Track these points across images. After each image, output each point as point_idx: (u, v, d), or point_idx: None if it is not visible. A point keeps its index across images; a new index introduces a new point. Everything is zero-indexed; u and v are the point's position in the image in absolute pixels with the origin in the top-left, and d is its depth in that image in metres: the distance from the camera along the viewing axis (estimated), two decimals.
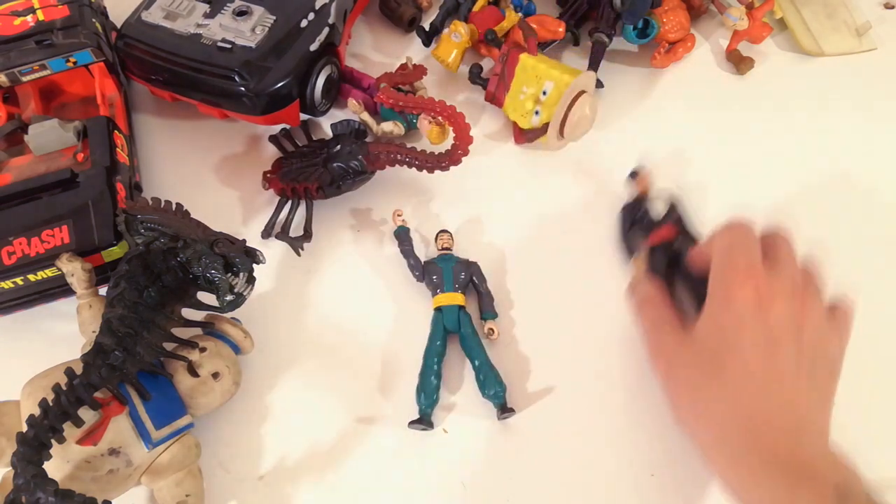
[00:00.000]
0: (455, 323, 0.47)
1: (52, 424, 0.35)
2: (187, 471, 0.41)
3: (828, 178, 0.56)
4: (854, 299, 0.42)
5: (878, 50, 0.64)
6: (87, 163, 0.48)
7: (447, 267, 0.49)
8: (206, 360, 0.42)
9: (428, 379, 0.45)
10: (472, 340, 0.46)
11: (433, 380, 0.45)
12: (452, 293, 0.48)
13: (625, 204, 0.49)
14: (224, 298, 0.42)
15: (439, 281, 0.48)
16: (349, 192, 0.53)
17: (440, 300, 0.48)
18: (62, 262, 0.43)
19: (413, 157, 0.50)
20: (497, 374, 0.45)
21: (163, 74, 0.53)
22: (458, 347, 0.47)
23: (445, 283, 0.48)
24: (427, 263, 0.50)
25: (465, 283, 0.49)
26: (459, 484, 0.43)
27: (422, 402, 0.44)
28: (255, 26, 0.52)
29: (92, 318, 0.43)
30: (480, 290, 0.49)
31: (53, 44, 0.51)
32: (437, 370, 0.46)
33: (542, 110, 0.53)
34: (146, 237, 0.42)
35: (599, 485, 0.44)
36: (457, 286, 0.48)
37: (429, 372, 0.45)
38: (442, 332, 0.47)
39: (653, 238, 0.46)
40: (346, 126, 0.55)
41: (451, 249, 0.51)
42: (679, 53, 0.61)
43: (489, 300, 0.49)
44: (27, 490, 0.33)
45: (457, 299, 0.48)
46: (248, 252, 0.42)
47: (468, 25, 0.60)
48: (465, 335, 0.47)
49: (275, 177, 0.53)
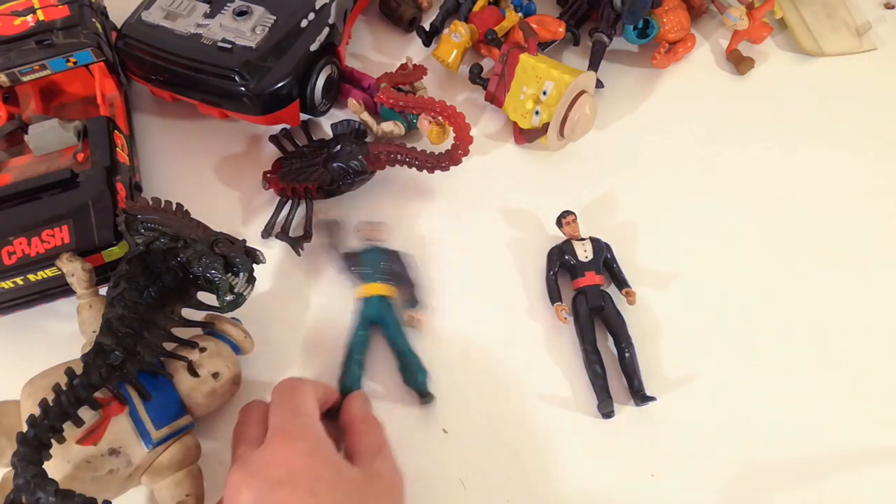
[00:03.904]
0: (377, 312, 0.47)
1: (53, 424, 0.35)
2: (187, 471, 0.41)
3: (828, 178, 0.56)
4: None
5: (878, 50, 0.64)
6: (87, 163, 0.48)
7: (371, 258, 0.49)
8: (206, 360, 0.42)
9: (350, 369, 0.46)
10: (395, 329, 0.47)
11: (355, 369, 0.46)
12: (374, 283, 0.48)
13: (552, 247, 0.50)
14: (224, 298, 0.42)
15: (363, 272, 0.49)
16: (349, 192, 0.53)
17: (364, 290, 0.48)
18: (62, 262, 0.43)
19: (413, 157, 0.50)
20: (419, 361, 0.46)
21: (163, 74, 0.53)
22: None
23: (368, 273, 0.49)
24: (351, 255, 0.50)
25: (392, 273, 0.49)
26: (459, 484, 0.43)
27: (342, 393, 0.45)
28: (256, 26, 0.52)
29: (92, 318, 0.43)
30: (406, 278, 0.50)
31: (53, 44, 0.51)
32: (360, 360, 0.46)
33: (542, 110, 0.53)
34: (146, 237, 0.42)
35: (600, 485, 0.44)
36: (380, 277, 0.49)
37: (351, 362, 0.46)
38: (365, 322, 0.47)
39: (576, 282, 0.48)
40: (346, 126, 0.55)
41: (378, 240, 0.51)
42: (679, 53, 0.61)
43: (414, 289, 0.49)
44: (27, 490, 0.33)
45: (380, 289, 0.48)
46: (248, 252, 0.42)
47: (468, 25, 0.60)
48: (387, 324, 0.47)
49: (275, 177, 0.53)
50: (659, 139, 0.58)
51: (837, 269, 0.52)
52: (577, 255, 0.49)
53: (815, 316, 0.50)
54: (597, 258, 0.49)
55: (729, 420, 0.46)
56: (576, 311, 0.48)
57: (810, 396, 0.47)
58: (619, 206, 0.55)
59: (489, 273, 0.51)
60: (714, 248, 0.53)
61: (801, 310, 0.50)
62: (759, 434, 0.45)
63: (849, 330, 0.49)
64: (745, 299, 0.50)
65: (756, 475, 0.44)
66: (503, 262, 0.52)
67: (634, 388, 0.45)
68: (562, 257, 0.50)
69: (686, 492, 0.43)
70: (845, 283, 0.51)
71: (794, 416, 0.46)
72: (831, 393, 0.47)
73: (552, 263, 0.50)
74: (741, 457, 0.44)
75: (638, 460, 0.44)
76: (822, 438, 0.45)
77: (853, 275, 0.52)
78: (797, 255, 0.52)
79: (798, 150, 0.58)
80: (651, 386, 0.45)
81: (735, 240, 0.53)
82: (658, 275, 0.51)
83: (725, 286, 0.51)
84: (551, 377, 0.47)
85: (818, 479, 0.44)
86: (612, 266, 0.50)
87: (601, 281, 0.49)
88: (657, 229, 0.53)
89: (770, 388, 0.47)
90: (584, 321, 0.48)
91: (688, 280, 0.51)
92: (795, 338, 0.49)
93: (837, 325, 0.50)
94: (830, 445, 0.45)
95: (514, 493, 0.43)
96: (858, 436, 0.45)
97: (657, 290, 0.50)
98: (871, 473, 0.44)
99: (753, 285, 0.51)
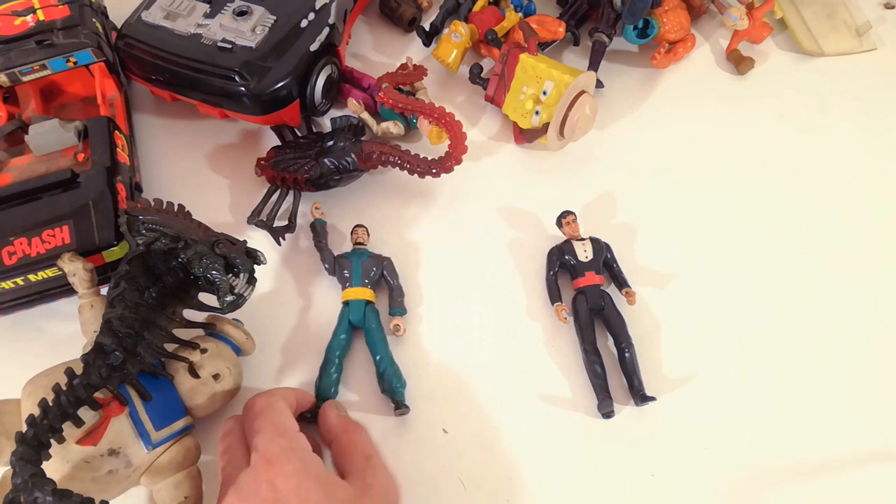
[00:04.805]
0: (361, 317, 0.47)
1: (52, 424, 0.35)
2: (187, 472, 0.41)
3: (828, 178, 0.56)
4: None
5: (878, 50, 0.64)
6: (87, 163, 0.48)
7: (358, 262, 0.49)
8: (206, 361, 0.42)
9: (327, 372, 0.45)
10: (377, 336, 0.47)
11: (332, 373, 0.46)
12: (361, 288, 0.48)
13: (552, 247, 0.50)
14: (225, 299, 0.42)
15: (349, 275, 0.48)
16: (337, 187, 0.53)
17: (348, 294, 0.48)
18: (64, 262, 0.43)
19: (405, 159, 0.50)
20: (397, 370, 0.46)
21: (163, 74, 0.53)
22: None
23: (355, 277, 0.48)
24: (339, 257, 0.50)
25: (376, 278, 0.49)
26: (459, 484, 0.44)
27: (318, 396, 0.45)
28: (256, 26, 0.52)
29: (93, 318, 0.43)
30: (392, 285, 0.49)
31: (54, 44, 0.51)
32: (339, 364, 0.46)
33: (542, 110, 0.53)
34: (147, 238, 0.42)
35: (600, 485, 0.44)
36: (366, 281, 0.48)
37: (329, 365, 0.46)
38: (347, 326, 0.47)
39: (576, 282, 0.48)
40: (345, 121, 0.55)
41: (366, 244, 0.50)
42: (679, 53, 0.61)
43: (399, 296, 0.49)
44: (25, 489, 0.33)
45: (365, 294, 0.48)
46: (248, 253, 0.42)
47: (468, 25, 0.60)
48: (369, 330, 0.47)
49: (267, 164, 0.53)
50: (659, 139, 0.58)
51: (837, 269, 0.52)
52: (577, 255, 0.49)
53: (815, 316, 0.50)
54: (597, 258, 0.49)
55: (729, 420, 0.46)
56: (576, 311, 0.48)
57: (810, 396, 0.47)
58: (619, 206, 0.55)
59: (489, 273, 0.51)
60: (714, 248, 0.53)
61: (800, 310, 0.50)
62: (758, 434, 0.45)
63: (849, 330, 0.49)
64: (744, 299, 0.50)
65: (756, 475, 0.44)
66: (503, 262, 0.52)
67: (634, 388, 0.45)
68: (562, 257, 0.50)
69: (686, 492, 0.43)
70: (845, 283, 0.51)
71: (794, 415, 0.46)
72: (831, 393, 0.47)
73: (552, 263, 0.50)
74: (741, 457, 0.44)
75: (638, 460, 0.44)
76: (821, 438, 0.45)
77: (853, 275, 0.52)
78: (797, 255, 0.52)
79: (798, 150, 0.58)
80: (651, 386, 0.45)
81: (735, 240, 0.53)
82: (658, 275, 0.51)
83: (725, 286, 0.51)
84: (551, 377, 0.47)
85: (818, 479, 0.44)
86: (612, 266, 0.50)
87: (601, 281, 0.49)
88: (657, 229, 0.53)
89: (770, 388, 0.47)
90: (584, 321, 0.48)
91: (688, 280, 0.51)
92: (795, 338, 0.49)
93: (837, 324, 0.50)
94: (830, 445, 0.45)
95: (514, 493, 0.43)
96: (858, 436, 0.45)
97: (657, 290, 0.50)
98: (871, 473, 0.44)
99: (753, 285, 0.51)
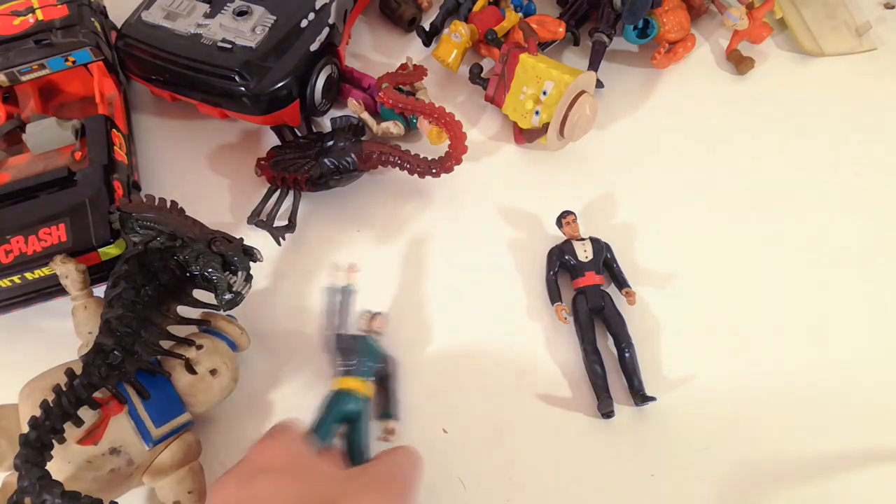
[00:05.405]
0: (356, 411, 0.43)
1: (54, 425, 0.35)
2: (188, 468, 0.41)
3: (828, 178, 0.56)
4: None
5: (878, 50, 0.64)
6: (84, 161, 0.48)
7: (366, 352, 0.45)
8: (203, 357, 0.42)
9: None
10: (363, 431, 0.43)
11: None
12: (362, 380, 0.44)
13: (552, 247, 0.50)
14: (223, 297, 0.42)
15: (355, 363, 0.44)
16: (337, 187, 0.53)
17: (348, 383, 0.43)
18: (56, 264, 0.43)
19: (405, 159, 0.50)
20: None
21: (163, 74, 0.53)
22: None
23: (361, 368, 0.44)
24: (349, 338, 0.45)
25: (381, 376, 0.45)
26: (459, 484, 0.43)
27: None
28: (256, 26, 0.52)
29: (87, 320, 0.43)
30: (389, 388, 0.46)
31: (52, 43, 0.51)
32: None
33: (542, 110, 0.53)
34: (143, 235, 0.42)
35: (600, 485, 0.43)
36: (370, 375, 0.44)
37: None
38: (337, 416, 0.42)
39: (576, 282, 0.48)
40: (345, 121, 0.55)
41: (378, 333, 0.46)
42: (679, 53, 0.61)
43: (394, 401, 0.45)
44: (33, 492, 0.33)
45: (364, 388, 0.43)
46: (245, 251, 0.42)
47: (468, 25, 0.60)
48: (358, 424, 0.43)
49: (267, 164, 0.53)
50: (659, 139, 0.58)
51: (837, 269, 0.52)
52: (577, 255, 0.49)
53: (815, 316, 0.50)
54: (597, 258, 0.49)
55: (728, 420, 0.45)
56: (576, 311, 0.48)
57: (810, 396, 0.46)
58: (619, 206, 0.54)
59: (489, 273, 0.51)
60: (714, 248, 0.53)
61: (800, 309, 0.50)
62: (758, 434, 0.45)
63: (849, 330, 0.49)
64: (744, 299, 0.50)
65: (755, 475, 0.44)
66: (503, 262, 0.52)
67: (634, 388, 0.45)
68: (562, 257, 0.50)
69: (686, 492, 0.43)
70: (845, 283, 0.51)
71: (794, 415, 0.46)
72: (831, 392, 0.47)
73: (552, 263, 0.50)
74: (741, 457, 0.44)
75: (638, 460, 0.44)
76: (821, 438, 0.45)
77: (853, 275, 0.52)
78: (797, 255, 0.52)
79: (798, 149, 0.58)
80: (651, 386, 0.45)
81: (735, 240, 0.53)
82: (658, 275, 0.51)
83: (725, 286, 0.51)
84: (551, 377, 0.47)
85: (818, 479, 0.44)
86: (612, 266, 0.50)
87: (601, 281, 0.49)
88: (657, 229, 0.53)
89: (770, 388, 0.47)
90: (584, 321, 0.47)
91: (688, 280, 0.51)
92: (795, 338, 0.49)
93: (837, 324, 0.49)
94: (830, 445, 0.45)
95: (514, 493, 0.43)
96: (858, 435, 0.45)
97: (657, 290, 0.50)
98: (871, 473, 0.44)
99: (753, 285, 0.51)
